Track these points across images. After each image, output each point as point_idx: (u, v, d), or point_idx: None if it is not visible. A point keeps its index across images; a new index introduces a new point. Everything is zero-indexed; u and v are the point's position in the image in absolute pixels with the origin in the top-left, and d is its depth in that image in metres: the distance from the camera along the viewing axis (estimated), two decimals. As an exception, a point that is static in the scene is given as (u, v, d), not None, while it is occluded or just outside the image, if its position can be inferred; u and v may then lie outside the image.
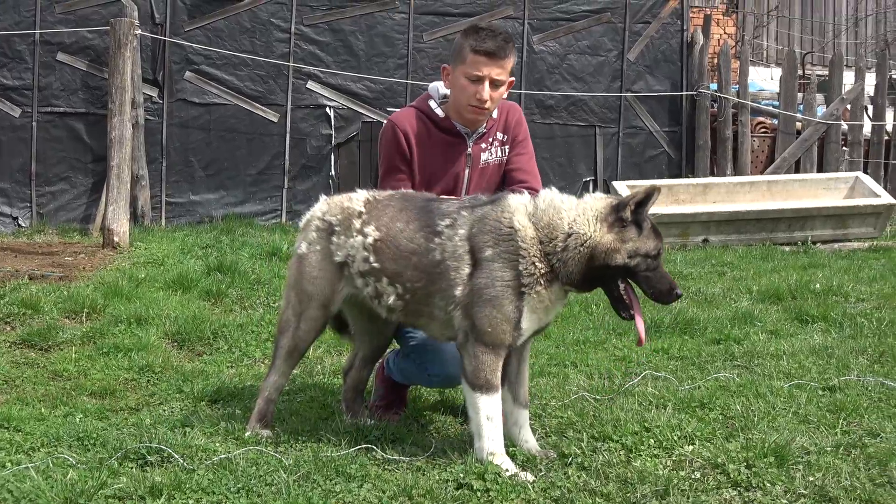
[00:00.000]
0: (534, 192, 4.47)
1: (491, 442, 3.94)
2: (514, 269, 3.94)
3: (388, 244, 4.16)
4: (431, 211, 4.17)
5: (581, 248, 3.90)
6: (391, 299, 4.17)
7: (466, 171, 4.69)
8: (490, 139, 4.69)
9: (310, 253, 4.36)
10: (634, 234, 3.92)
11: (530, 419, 4.44)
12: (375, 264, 4.17)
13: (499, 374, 4.03)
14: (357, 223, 4.23)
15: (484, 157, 4.69)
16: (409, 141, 4.65)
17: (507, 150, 4.75)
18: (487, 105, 4.52)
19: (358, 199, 4.35)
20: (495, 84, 4.49)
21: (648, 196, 3.91)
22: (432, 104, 4.71)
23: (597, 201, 4.01)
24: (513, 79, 4.71)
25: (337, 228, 4.29)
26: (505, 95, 4.70)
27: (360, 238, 4.20)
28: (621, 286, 4.00)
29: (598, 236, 3.90)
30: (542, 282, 3.97)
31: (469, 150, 4.66)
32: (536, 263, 3.95)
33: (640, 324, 4.06)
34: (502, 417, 4.09)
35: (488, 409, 3.97)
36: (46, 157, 10.82)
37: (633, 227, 3.92)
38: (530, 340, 4.34)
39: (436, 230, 4.08)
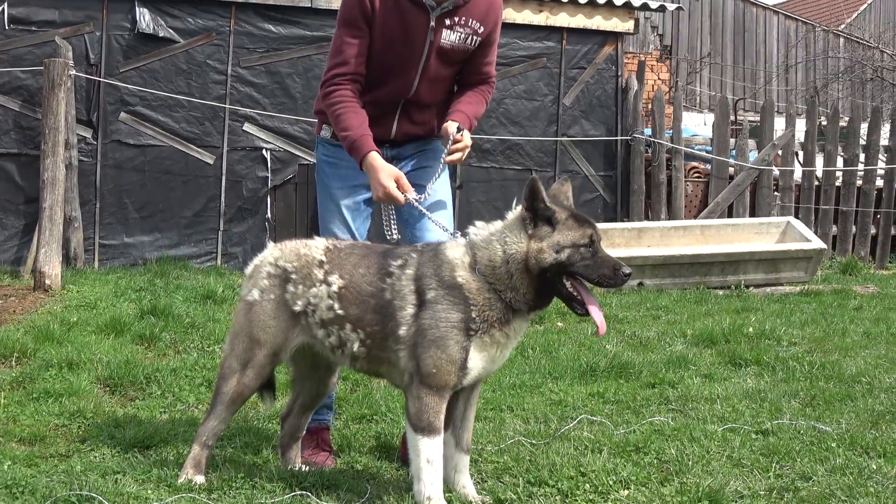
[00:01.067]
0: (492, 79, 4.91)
1: (429, 486, 3.90)
2: (461, 312, 3.90)
3: (351, 290, 4.11)
4: (388, 254, 4.15)
5: (520, 266, 3.87)
6: (355, 346, 4.11)
7: (426, 45, 4.60)
8: (459, 20, 4.61)
9: (262, 300, 4.28)
10: (549, 230, 3.88)
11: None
12: (340, 311, 4.10)
13: (442, 416, 3.98)
14: (319, 272, 4.17)
15: (447, 35, 4.61)
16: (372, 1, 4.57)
17: (477, 42, 4.70)
18: None
19: (317, 247, 4.29)
20: None
21: (531, 189, 3.87)
22: None
23: (510, 216, 4.01)
24: None
25: (293, 276, 4.22)
26: None
27: (324, 287, 4.13)
28: (567, 283, 3.91)
29: (524, 246, 3.88)
30: (496, 325, 3.94)
31: (432, 23, 4.56)
32: (487, 311, 3.92)
33: (595, 314, 3.97)
34: (443, 461, 4.04)
35: (429, 453, 3.92)
36: (-24, 198, 10.69)
37: (544, 223, 3.89)
38: (479, 384, 4.31)
39: (388, 271, 4.05)
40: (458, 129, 4.57)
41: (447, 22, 4.56)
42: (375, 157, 4.47)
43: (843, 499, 4.09)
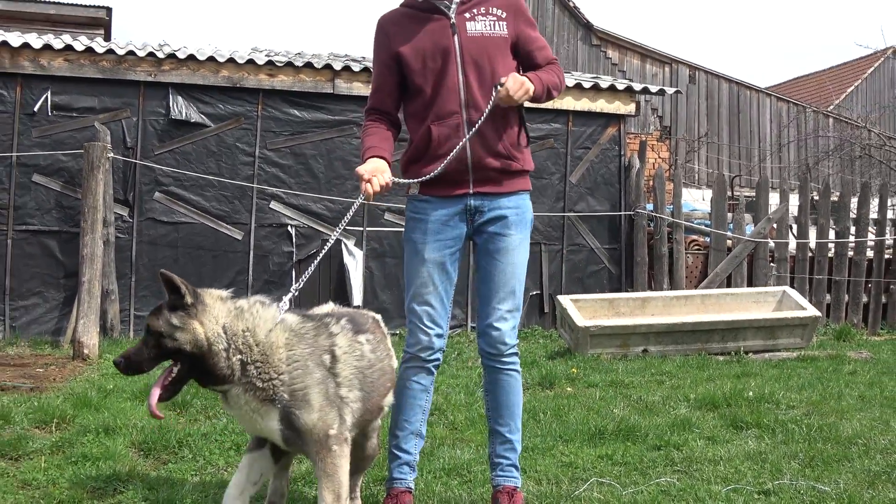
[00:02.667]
0: (555, 61, 4.72)
1: None
2: None
3: None
4: None
5: None
6: None
7: (455, 41, 4.49)
8: (479, 10, 4.53)
9: None
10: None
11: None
12: None
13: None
14: None
15: (472, 26, 4.51)
16: (388, 30, 4.58)
17: (507, 28, 4.55)
18: None
19: None
20: None
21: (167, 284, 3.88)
22: None
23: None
24: None
25: None
26: None
27: None
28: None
29: None
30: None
31: (452, 19, 4.50)
32: None
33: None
34: None
35: None
36: (20, 273, 10.76)
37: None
38: (309, 450, 4.05)
39: None
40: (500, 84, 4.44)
41: (467, 15, 4.51)
42: (371, 159, 4.50)
43: (844, 556, 4.05)
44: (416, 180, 4.53)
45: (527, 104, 4.56)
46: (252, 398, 3.90)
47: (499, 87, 4.39)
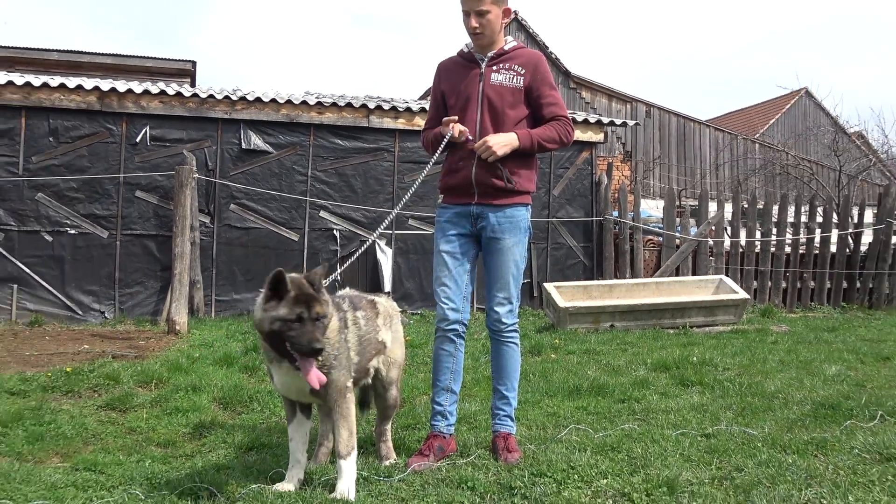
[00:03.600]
0: (562, 117, 4.56)
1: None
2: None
3: None
4: None
5: (257, 328, 3.93)
6: None
7: (480, 87, 4.54)
8: (503, 65, 4.54)
9: None
10: (275, 305, 3.81)
11: (487, 458, 4.40)
12: None
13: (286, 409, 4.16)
14: None
15: (495, 76, 4.53)
16: (440, 73, 4.70)
17: (522, 81, 4.52)
18: (479, 30, 4.48)
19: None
20: (480, 13, 4.45)
21: (273, 281, 3.83)
22: (464, 46, 4.71)
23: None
24: (507, 7, 4.56)
25: None
26: (504, 21, 4.57)
27: None
28: (287, 345, 3.79)
29: (257, 315, 3.88)
30: (274, 361, 3.95)
31: (482, 70, 4.54)
32: (268, 352, 3.96)
33: (305, 373, 3.82)
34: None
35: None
36: (126, 267, 10.81)
37: (275, 301, 3.82)
38: (329, 402, 4.08)
39: None
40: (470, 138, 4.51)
41: (494, 67, 4.56)
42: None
43: (768, 485, 4.04)
44: (425, 170, 4.56)
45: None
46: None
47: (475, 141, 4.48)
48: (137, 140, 10.94)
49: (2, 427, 5.14)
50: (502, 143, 4.44)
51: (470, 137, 4.56)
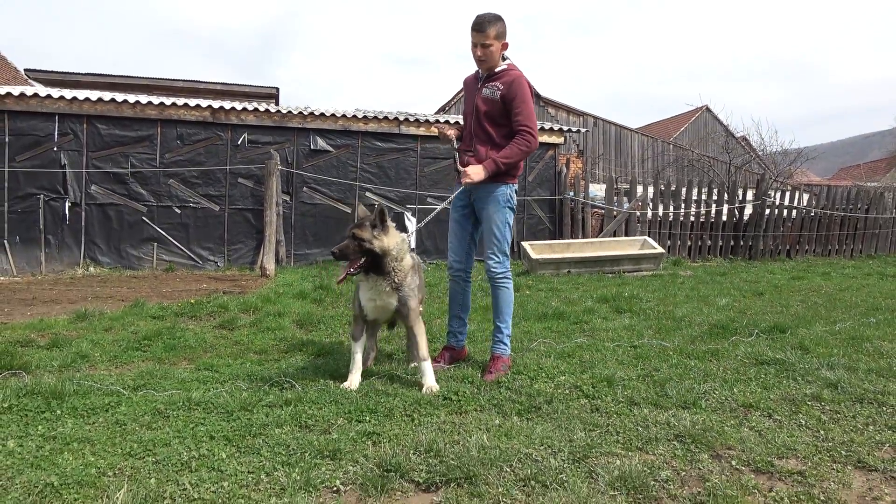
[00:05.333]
0: (524, 129, 4.16)
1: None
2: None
3: None
4: None
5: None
6: None
7: (477, 97, 4.32)
8: (492, 83, 4.27)
9: None
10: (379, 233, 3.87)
11: (482, 363, 4.39)
12: None
13: (354, 330, 4.04)
14: None
15: (485, 91, 4.28)
16: (463, 85, 4.51)
17: (497, 95, 4.20)
18: (483, 58, 4.22)
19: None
20: (484, 46, 4.19)
21: (378, 213, 3.86)
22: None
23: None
24: (505, 42, 4.24)
25: None
26: (503, 53, 4.28)
27: None
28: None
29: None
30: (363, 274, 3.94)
31: (479, 86, 4.33)
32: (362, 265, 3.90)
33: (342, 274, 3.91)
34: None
35: (352, 349, 4.02)
36: (232, 231, 10.77)
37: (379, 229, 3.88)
38: (409, 319, 4.02)
39: None
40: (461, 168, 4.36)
41: (486, 84, 4.30)
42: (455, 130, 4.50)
43: (677, 380, 4.04)
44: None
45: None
46: (388, 285, 3.95)
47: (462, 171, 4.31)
48: (238, 143, 10.85)
49: (147, 340, 5.17)
50: (475, 173, 4.22)
51: (455, 146, 4.48)
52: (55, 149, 10.02)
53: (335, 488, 2.66)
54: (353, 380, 3.95)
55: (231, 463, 2.85)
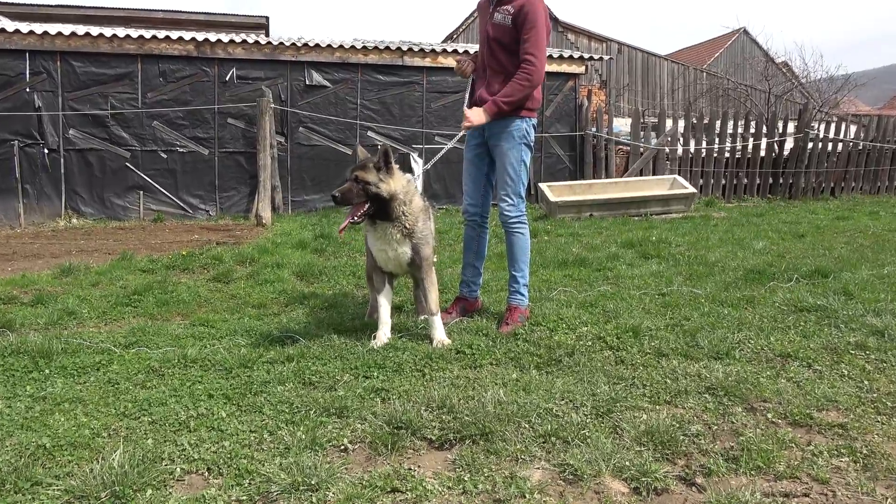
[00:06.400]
0: (527, 60, 4.07)
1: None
2: None
3: None
4: None
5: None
6: None
7: (488, 23, 4.24)
8: (502, 7, 4.17)
9: None
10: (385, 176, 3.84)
11: (498, 314, 4.42)
12: None
13: (373, 282, 4.10)
14: None
15: (496, 16, 4.15)
16: (478, 7, 4.42)
17: (509, 21, 4.12)
18: None
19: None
20: None
21: (382, 153, 3.82)
22: None
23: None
24: None
25: None
26: None
27: None
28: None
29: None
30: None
31: (491, 9, 4.22)
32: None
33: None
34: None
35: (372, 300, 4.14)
36: (223, 176, 10.76)
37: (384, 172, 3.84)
38: (422, 270, 4.02)
39: None
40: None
41: (498, 7, 4.19)
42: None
43: (709, 329, 4.05)
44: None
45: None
46: (398, 232, 3.93)
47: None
48: (227, 79, 10.72)
49: (137, 295, 5.22)
50: (475, 117, 4.17)
51: (470, 75, 4.42)
52: (27, 90, 9.96)
53: (343, 447, 2.71)
54: (381, 336, 3.94)
55: (232, 422, 2.91)
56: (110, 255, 6.96)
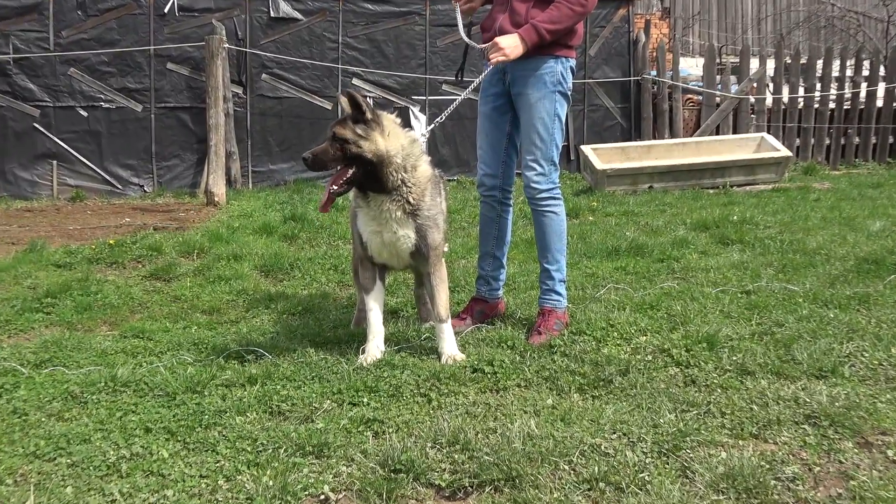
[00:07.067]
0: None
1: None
2: None
3: None
4: None
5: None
6: None
7: None
8: None
9: None
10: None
11: (527, 320, 4.42)
12: None
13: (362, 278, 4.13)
14: None
15: None
16: None
17: None
18: None
19: None
20: None
21: (350, 101, 3.82)
22: None
23: None
24: None
25: None
26: None
27: None
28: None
29: None
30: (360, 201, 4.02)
31: None
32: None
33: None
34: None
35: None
36: (163, 140, 10.81)
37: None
38: (428, 261, 4.03)
39: None
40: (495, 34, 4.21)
41: None
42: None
43: (808, 339, 4.04)
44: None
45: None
46: (398, 209, 3.88)
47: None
48: (165, 10, 10.74)
49: (51, 298, 5.25)
50: (510, 45, 4.07)
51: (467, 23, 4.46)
52: None
53: (322, 496, 2.72)
54: (372, 350, 3.94)
55: (176, 464, 2.92)
56: (14, 246, 6.99)
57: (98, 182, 10.61)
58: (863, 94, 13.00)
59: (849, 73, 13.05)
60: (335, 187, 3.83)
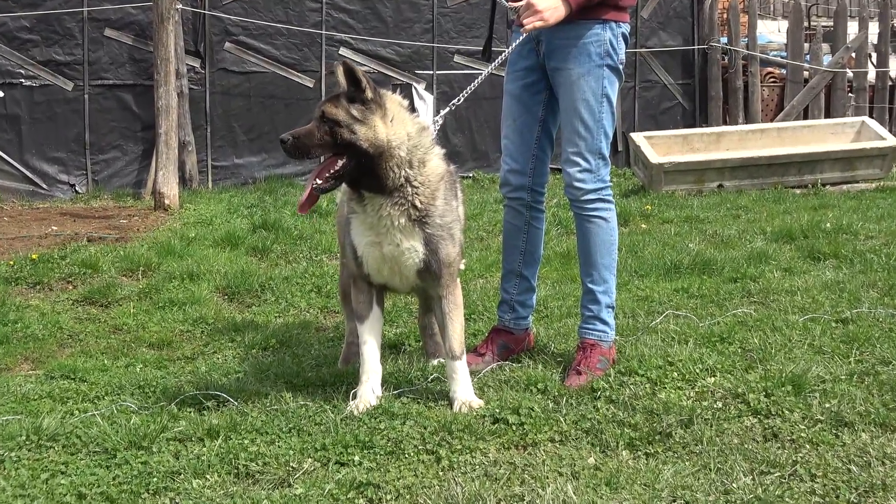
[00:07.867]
0: None
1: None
2: None
3: None
4: None
5: None
6: None
7: None
8: None
9: None
10: None
11: (563, 356, 4.42)
12: None
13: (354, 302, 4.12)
14: None
15: None
16: None
17: None
18: None
19: None
20: None
21: (347, 73, 3.80)
22: None
23: None
24: None
25: None
26: None
27: None
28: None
29: None
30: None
31: None
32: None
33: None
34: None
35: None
36: (99, 128, 10.83)
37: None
38: (440, 283, 4.03)
39: None
40: None
41: None
42: None
43: (923, 381, 4.03)
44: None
45: None
46: (401, 215, 3.84)
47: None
48: (102, -37, 10.81)
49: (-43, 328, 5.27)
50: (548, 7, 4.02)
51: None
52: None
53: (303, 582, 2.72)
54: (366, 394, 3.94)
55: (117, 540, 2.93)
56: (-88, 262, 7.02)
57: (17, 180, 10.64)
58: None
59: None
60: (319, 181, 3.82)
